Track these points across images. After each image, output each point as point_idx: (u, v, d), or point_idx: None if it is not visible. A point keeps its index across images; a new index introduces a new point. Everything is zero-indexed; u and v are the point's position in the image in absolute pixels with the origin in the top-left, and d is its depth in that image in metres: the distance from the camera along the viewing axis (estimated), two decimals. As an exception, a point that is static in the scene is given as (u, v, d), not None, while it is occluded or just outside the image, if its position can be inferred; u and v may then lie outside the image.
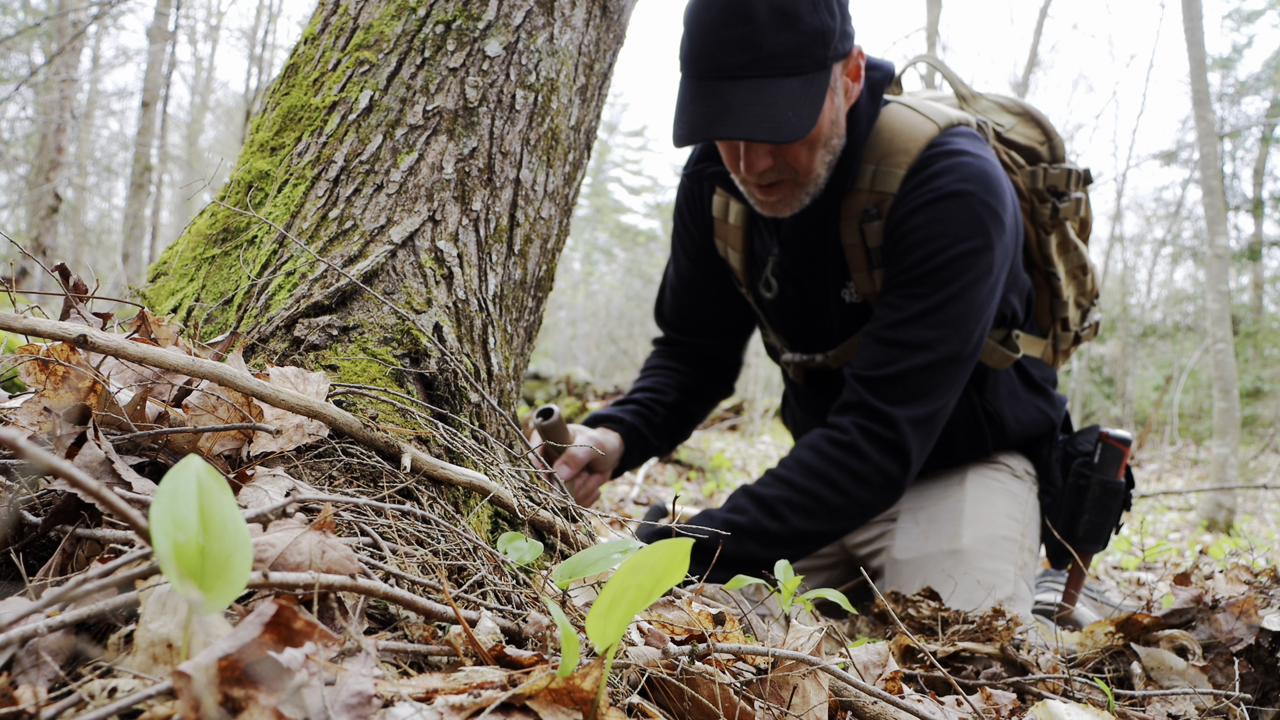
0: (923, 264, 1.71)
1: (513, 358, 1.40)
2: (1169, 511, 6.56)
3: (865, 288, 1.86)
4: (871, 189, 1.78)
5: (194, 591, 0.51)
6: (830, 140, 1.72)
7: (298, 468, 0.93)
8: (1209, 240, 6.18)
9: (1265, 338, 14.72)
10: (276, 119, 1.38)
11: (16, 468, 0.77)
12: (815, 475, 1.68)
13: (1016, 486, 2.05)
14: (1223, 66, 17.29)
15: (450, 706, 0.58)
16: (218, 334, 1.16)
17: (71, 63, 8.66)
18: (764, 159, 1.67)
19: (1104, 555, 3.64)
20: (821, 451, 1.70)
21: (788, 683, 0.81)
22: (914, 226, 1.72)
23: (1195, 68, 6.27)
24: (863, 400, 1.71)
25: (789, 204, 1.78)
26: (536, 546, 0.98)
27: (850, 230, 1.81)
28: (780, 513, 1.66)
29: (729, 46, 1.56)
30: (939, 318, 1.69)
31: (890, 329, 1.72)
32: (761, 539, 1.65)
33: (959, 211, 1.70)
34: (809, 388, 2.10)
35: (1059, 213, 2.00)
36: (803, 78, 1.58)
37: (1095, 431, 2.00)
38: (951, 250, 1.69)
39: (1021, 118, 2.05)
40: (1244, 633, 1.30)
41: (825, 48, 1.59)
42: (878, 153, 1.79)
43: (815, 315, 1.96)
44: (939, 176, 1.72)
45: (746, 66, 1.56)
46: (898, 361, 1.69)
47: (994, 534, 1.93)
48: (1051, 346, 2.15)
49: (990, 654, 1.36)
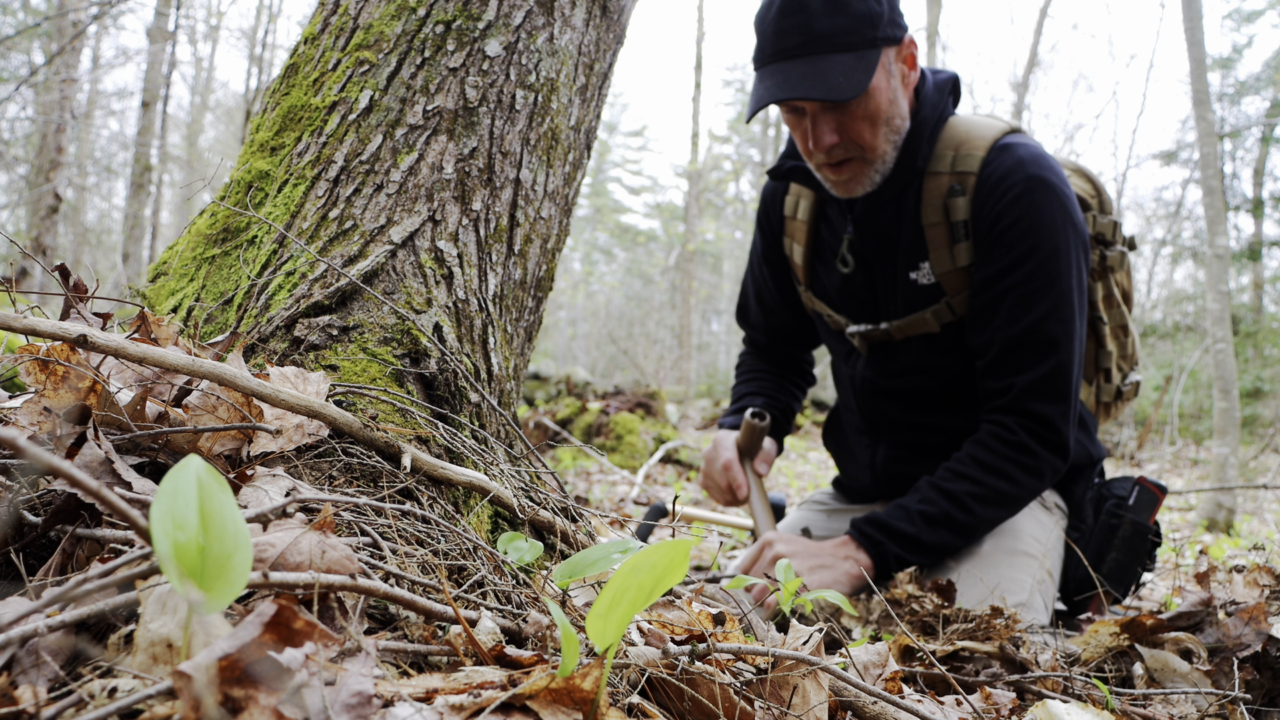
0: (1030, 257, 1.83)
1: (513, 358, 1.40)
2: (1169, 511, 6.55)
3: (943, 266, 1.94)
4: (953, 170, 1.90)
5: (194, 591, 0.51)
6: (892, 119, 1.85)
7: (298, 468, 0.93)
8: (1209, 240, 6.18)
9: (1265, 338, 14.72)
10: (276, 119, 1.38)
11: (16, 468, 0.77)
12: (994, 471, 1.86)
13: (1044, 515, 2.09)
14: (1223, 66, 17.29)
15: (450, 706, 0.57)
16: (218, 334, 1.16)
17: (71, 63, 8.66)
18: (829, 134, 1.81)
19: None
20: (996, 450, 1.87)
21: (788, 683, 0.81)
22: (1015, 218, 1.83)
23: (1195, 68, 6.27)
24: (1020, 405, 1.87)
25: (860, 182, 1.90)
26: (536, 546, 0.98)
27: (933, 210, 1.92)
28: (967, 505, 1.85)
29: (787, 32, 1.76)
30: (1062, 313, 1.84)
31: (1026, 332, 1.84)
32: (952, 527, 1.85)
33: (1049, 200, 1.83)
34: (871, 366, 2.14)
35: (1107, 260, 2.13)
36: (853, 53, 1.75)
37: (1132, 479, 2.09)
38: (1052, 242, 1.83)
39: (1075, 173, 2.19)
40: (1252, 639, 1.29)
41: (874, 29, 1.76)
42: (955, 141, 1.92)
43: (880, 291, 2.06)
44: (1023, 160, 1.85)
45: (802, 46, 1.75)
46: (1041, 363, 1.84)
47: (1014, 547, 1.97)
48: (1094, 396, 2.24)
49: (990, 653, 1.36)
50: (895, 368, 2.07)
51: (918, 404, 2.09)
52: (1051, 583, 2.01)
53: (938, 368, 2.02)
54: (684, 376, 17.75)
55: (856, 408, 2.24)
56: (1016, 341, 1.85)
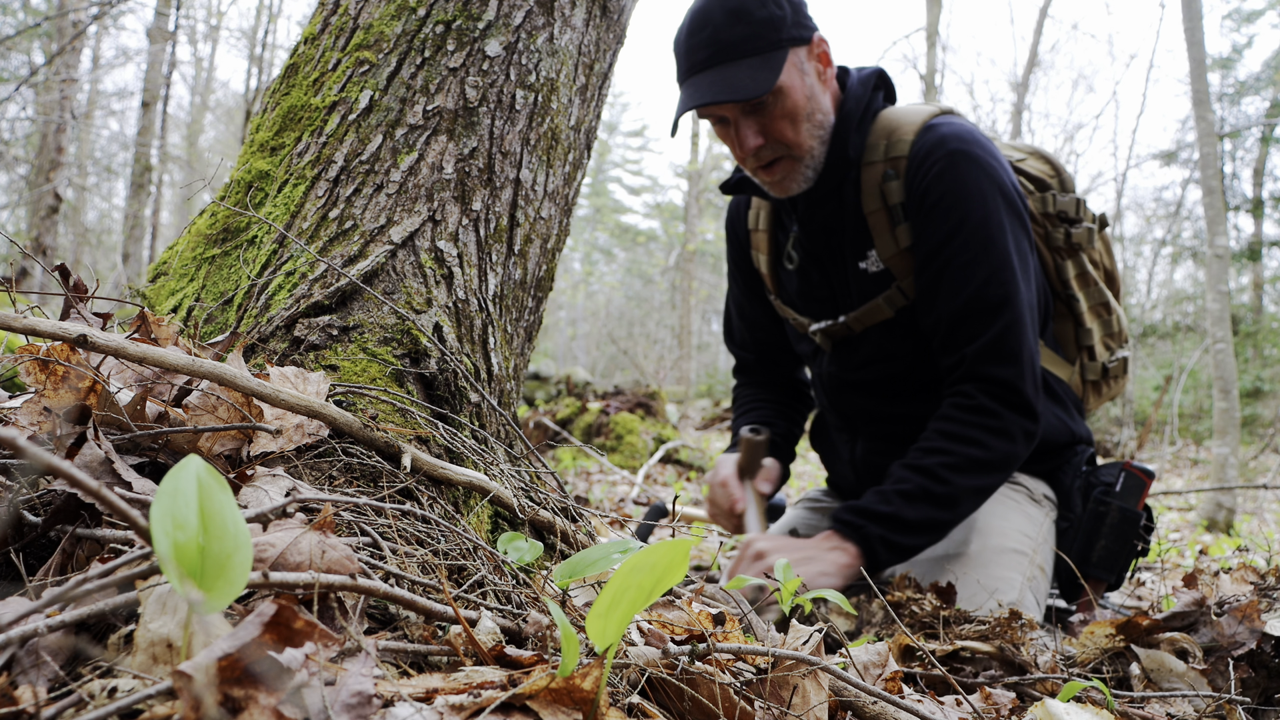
0: (960, 229, 1.86)
1: (513, 358, 1.40)
2: (1169, 511, 6.55)
3: (888, 250, 1.98)
4: (886, 158, 1.96)
5: (194, 591, 0.51)
6: (813, 115, 1.91)
7: (298, 468, 0.93)
8: (1209, 240, 6.18)
9: (1265, 338, 14.71)
10: (276, 119, 1.38)
11: (16, 468, 0.77)
12: (959, 439, 1.85)
13: (1033, 510, 2.08)
14: (1223, 66, 17.28)
15: (450, 706, 0.58)
16: (218, 334, 1.16)
17: (71, 63, 8.66)
18: (753, 137, 1.88)
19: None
20: (958, 419, 1.87)
21: (788, 683, 0.81)
22: (941, 193, 1.87)
23: (1195, 68, 6.27)
24: (975, 371, 1.88)
25: (793, 179, 1.95)
26: (536, 546, 0.98)
27: (872, 197, 1.98)
28: (940, 475, 1.83)
29: (697, 48, 1.85)
30: (1001, 276, 1.86)
31: (968, 302, 1.86)
32: (931, 500, 1.82)
33: (971, 171, 1.88)
34: (835, 361, 2.16)
35: (1072, 238, 2.14)
36: (759, 56, 1.83)
37: (1119, 465, 2.09)
38: (982, 209, 1.87)
39: (1032, 155, 2.23)
40: (1246, 637, 1.29)
41: (777, 32, 1.84)
42: (887, 130, 1.98)
43: (835, 285, 2.11)
44: (945, 136, 1.92)
45: (710, 58, 1.83)
46: (988, 329, 1.85)
47: (1004, 545, 1.97)
48: (1079, 375, 2.23)
49: (989, 653, 1.36)
50: (857, 360, 2.12)
51: (885, 394, 2.12)
52: (1044, 578, 2.00)
53: (897, 354, 2.06)
54: (684, 376, 17.76)
55: (830, 405, 2.27)
56: (961, 313, 1.87)
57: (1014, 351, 1.85)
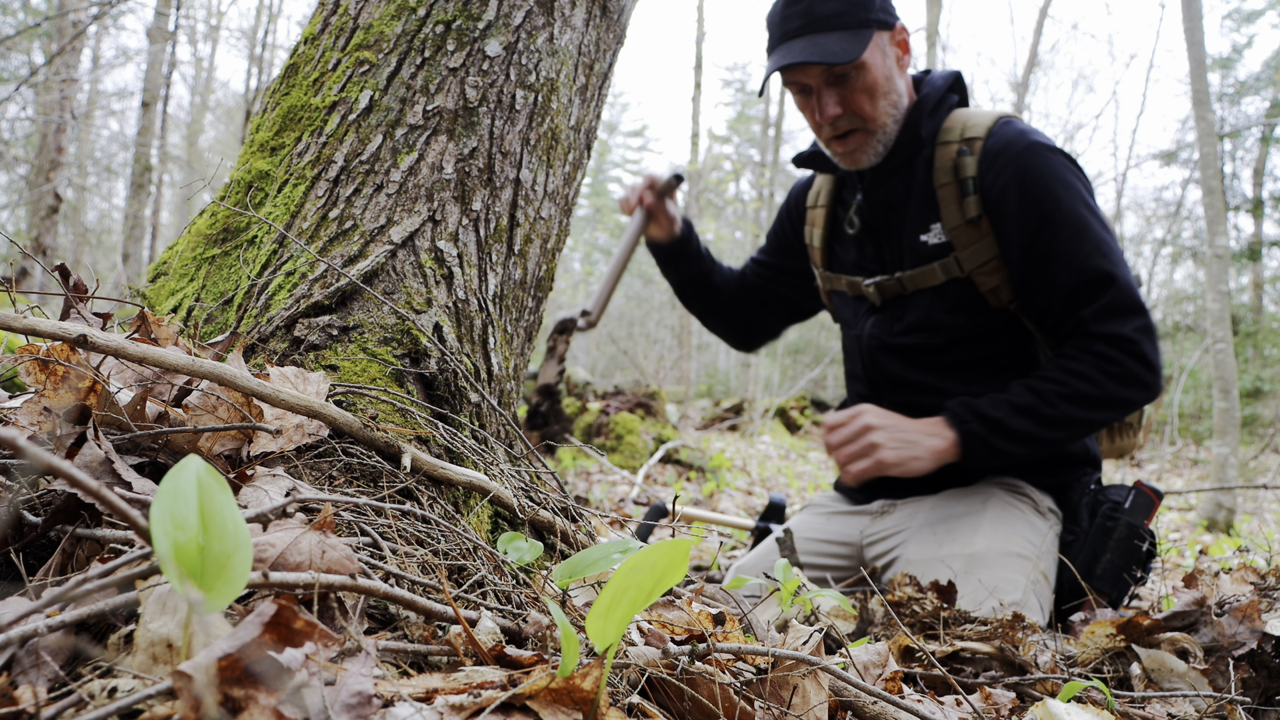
0: (1056, 212, 1.99)
1: (513, 358, 1.40)
2: (1169, 511, 6.55)
3: (954, 221, 2.09)
4: (962, 139, 2.10)
5: (194, 591, 0.51)
6: (889, 94, 2.07)
7: (298, 468, 0.93)
8: (1209, 240, 6.18)
9: (1265, 338, 14.72)
10: (276, 119, 1.38)
11: (16, 468, 0.77)
12: (1077, 374, 1.97)
13: (1038, 521, 2.10)
14: (1223, 66, 17.28)
15: (450, 706, 0.58)
16: (218, 334, 1.16)
17: (71, 63, 8.66)
18: (833, 106, 2.04)
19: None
20: (1078, 357, 1.99)
21: (788, 683, 0.81)
22: (1032, 181, 1.99)
23: (1195, 68, 6.27)
24: (1094, 330, 1.98)
25: (864, 151, 2.11)
26: (536, 546, 0.98)
27: (944, 172, 2.11)
28: (1051, 400, 1.96)
29: (791, 18, 2.03)
30: (1108, 246, 1.99)
31: (1078, 275, 1.97)
32: (1037, 418, 1.96)
33: (1051, 160, 2.01)
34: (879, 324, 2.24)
35: None
36: (849, 31, 2.00)
37: (1129, 485, 2.14)
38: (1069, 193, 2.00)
39: None
40: (1246, 636, 1.29)
41: (866, 13, 2.02)
42: (961, 120, 2.14)
43: (887, 257, 2.24)
44: (1023, 130, 2.06)
45: (804, 27, 2.01)
46: (1102, 295, 1.97)
47: (1008, 549, 1.98)
48: None
49: (989, 653, 1.36)
50: (901, 326, 2.19)
51: (920, 364, 2.19)
52: (1047, 584, 2.01)
53: (942, 326, 2.13)
54: (684, 376, 17.75)
55: (863, 370, 2.33)
56: (1072, 288, 1.98)
57: (1131, 306, 1.96)
